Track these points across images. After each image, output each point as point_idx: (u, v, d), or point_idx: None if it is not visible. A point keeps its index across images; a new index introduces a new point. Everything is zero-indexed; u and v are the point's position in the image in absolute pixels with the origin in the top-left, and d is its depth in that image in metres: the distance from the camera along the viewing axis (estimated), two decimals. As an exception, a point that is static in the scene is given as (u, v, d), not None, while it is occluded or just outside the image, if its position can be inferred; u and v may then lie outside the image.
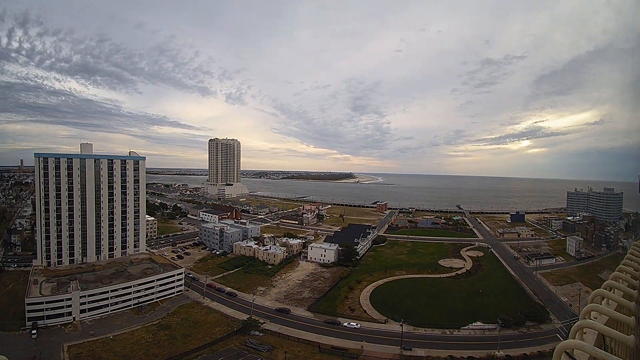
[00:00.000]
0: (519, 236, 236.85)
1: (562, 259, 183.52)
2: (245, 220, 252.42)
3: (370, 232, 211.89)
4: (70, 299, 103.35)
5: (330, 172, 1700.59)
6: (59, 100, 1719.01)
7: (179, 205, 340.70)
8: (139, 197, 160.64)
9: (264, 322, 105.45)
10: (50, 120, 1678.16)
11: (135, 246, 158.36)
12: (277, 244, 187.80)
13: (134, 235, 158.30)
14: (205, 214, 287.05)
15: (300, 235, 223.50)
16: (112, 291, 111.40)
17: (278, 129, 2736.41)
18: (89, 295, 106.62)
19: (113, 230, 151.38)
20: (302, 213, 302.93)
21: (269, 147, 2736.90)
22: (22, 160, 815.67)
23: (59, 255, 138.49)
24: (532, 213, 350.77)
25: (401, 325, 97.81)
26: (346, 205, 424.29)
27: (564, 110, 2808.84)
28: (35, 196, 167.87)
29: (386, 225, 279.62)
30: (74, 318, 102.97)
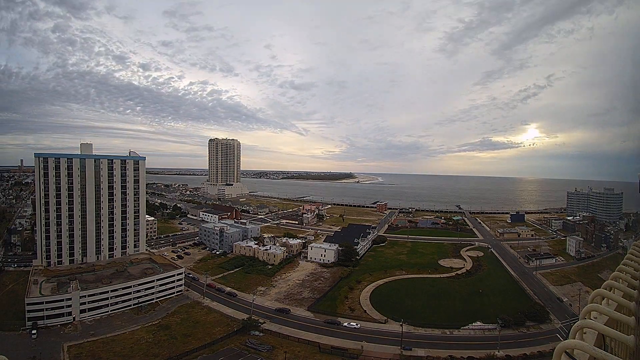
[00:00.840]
0: (519, 236, 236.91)
1: (562, 259, 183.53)
2: (245, 220, 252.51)
3: (370, 232, 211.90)
4: (70, 299, 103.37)
5: (330, 172, 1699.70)
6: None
7: (179, 205, 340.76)
8: (139, 197, 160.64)
9: (264, 322, 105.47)
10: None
11: (135, 246, 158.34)
12: (277, 244, 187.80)
13: (134, 235, 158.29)
14: (205, 214, 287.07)
15: (300, 235, 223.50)
16: (112, 291, 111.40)
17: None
18: (89, 295, 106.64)
19: (113, 230, 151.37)
20: (302, 213, 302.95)
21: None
22: (22, 160, 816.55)
23: (59, 255, 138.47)
24: (532, 213, 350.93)
25: (401, 325, 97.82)
26: (346, 205, 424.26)
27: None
28: (35, 196, 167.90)
29: (386, 225, 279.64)
30: (74, 318, 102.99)
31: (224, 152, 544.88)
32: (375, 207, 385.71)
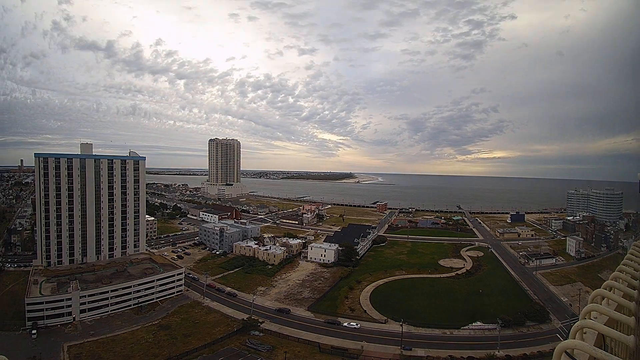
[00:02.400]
0: (519, 236, 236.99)
1: (562, 259, 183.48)
2: (245, 220, 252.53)
3: (370, 232, 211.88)
4: (70, 299, 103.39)
5: (330, 172, 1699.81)
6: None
7: (179, 205, 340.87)
8: (139, 197, 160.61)
9: (264, 322, 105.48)
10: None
11: (135, 246, 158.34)
12: (277, 244, 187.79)
13: (134, 235, 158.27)
14: (205, 214, 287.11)
15: (300, 235, 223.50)
16: (112, 291, 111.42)
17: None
18: (89, 295, 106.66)
19: (113, 230, 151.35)
20: (302, 213, 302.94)
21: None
22: (22, 160, 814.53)
23: (59, 255, 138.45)
24: (532, 213, 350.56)
25: (401, 325, 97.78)
26: (346, 205, 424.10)
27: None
28: (35, 196, 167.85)
29: (386, 225, 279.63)
30: (74, 318, 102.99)
31: (224, 152, 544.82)
32: (375, 207, 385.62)
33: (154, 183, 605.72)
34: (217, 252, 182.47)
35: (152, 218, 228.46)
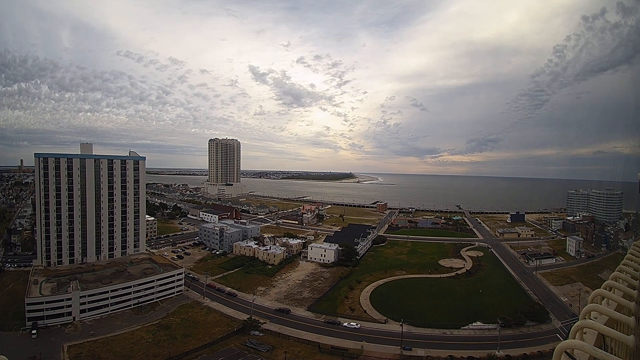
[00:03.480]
0: (519, 236, 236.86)
1: (562, 259, 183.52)
2: (245, 220, 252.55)
3: (370, 232, 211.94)
4: (70, 299, 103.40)
5: (330, 172, 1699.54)
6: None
7: (179, 205, 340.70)
8: (139, 197, 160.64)
9: (264, 322, 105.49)
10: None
11: (135, 246, 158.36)
12: (277, 244, 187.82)
13: (134, 235, 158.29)
14: (205, 214, 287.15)
15: (300, 235, 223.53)
16: (112, 291, 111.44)
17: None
18: (89, 295, 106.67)
19: (113, 230, 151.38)
20: (302, 213, 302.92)
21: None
22: (22, 160, 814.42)
23: (59, 255, 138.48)
24: (532, 213, 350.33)
25: (401, 325, 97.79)
26: (346, 205, 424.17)
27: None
28: (35, 196, 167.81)
29: (386, 225, 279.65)
30: (74, 318, 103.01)
31: (224, 152, 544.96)
32: (375, 207, 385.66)
33: (154, 183, 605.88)
34: (217, 252, 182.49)
35: (152, 218, 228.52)
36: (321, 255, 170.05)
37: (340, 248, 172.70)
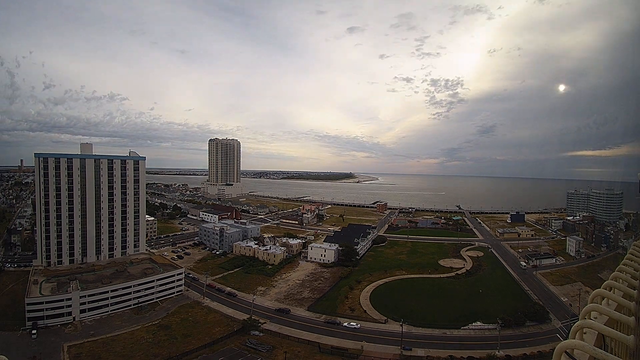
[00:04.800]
0: (519, 236, 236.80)
1: (562, 259, 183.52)
2: (245, 220, 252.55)
3: (370, 232, 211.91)
4: (70, 299, 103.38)
5: (330, 172, 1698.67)
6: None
7: (179, 205, 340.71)
8: (139, 197, 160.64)
9: (264, 322, 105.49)
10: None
11: (135, 246, 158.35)
12: (277, 244, 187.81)
13: (134, 235, 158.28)
14: (205, 214, 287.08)
15: (300, 235, 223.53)
16: (112, 291, 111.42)
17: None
18: (89, 295, 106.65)
19: (113, 230, 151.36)
20: (302, 213, 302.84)
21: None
22: (22, 160, 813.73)
23: (59, 255, 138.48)
24: (532, 213, 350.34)
25: (401, 325, 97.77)
26: (346, 205, 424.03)
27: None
28: (35, 196, 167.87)
29: (386, 225, 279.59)
30: (74, 318, 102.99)
31: (224, 152, 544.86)
32: (375, 207, 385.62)
33: (154, 183, 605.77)
34: (217, 252, 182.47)
35: (152, 218, 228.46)
36: (321, 255, 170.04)
37: (340, 248, 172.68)
